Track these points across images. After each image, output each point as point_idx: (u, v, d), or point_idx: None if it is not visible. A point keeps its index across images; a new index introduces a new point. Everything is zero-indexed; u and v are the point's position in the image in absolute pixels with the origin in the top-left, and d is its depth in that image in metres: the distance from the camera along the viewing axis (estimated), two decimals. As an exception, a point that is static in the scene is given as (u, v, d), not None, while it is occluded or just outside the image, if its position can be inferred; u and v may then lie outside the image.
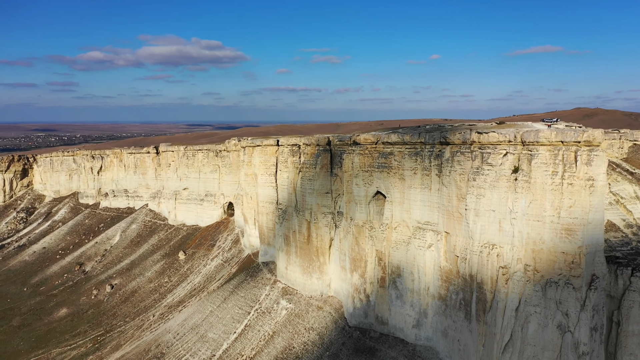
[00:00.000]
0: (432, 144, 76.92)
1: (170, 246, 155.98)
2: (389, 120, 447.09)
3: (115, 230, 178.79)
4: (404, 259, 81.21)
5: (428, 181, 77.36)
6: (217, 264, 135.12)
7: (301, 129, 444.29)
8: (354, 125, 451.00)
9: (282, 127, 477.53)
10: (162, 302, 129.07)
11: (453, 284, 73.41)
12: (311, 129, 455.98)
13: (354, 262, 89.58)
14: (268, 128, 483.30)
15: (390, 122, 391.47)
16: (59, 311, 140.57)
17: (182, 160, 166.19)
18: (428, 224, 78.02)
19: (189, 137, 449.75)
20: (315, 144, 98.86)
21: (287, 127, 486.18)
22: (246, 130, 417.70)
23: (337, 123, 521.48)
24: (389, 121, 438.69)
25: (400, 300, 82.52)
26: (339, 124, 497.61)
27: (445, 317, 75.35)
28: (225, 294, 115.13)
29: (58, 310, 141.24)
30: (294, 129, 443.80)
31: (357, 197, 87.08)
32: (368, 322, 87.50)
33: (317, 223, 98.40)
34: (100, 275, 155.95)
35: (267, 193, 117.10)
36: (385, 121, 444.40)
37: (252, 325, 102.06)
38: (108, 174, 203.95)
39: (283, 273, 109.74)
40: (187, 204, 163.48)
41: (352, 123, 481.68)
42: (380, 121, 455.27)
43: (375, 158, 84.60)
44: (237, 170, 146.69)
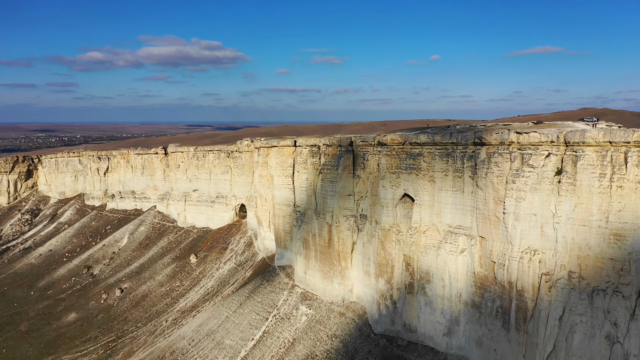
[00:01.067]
0: (464, 145, 73.76)
1: (181, 249, 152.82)
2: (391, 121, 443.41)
3: (123, 233, 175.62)
4: (434, 264, 78.05)
5: (460, 183, 74.21)
6: (231, 267, 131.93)
7: (303, 130, 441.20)
8: (356, 125, 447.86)
9: (285, 128, 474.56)
10: (174, 306, 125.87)
11: (489, 291, 70.24)
12: (314, 129, 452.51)
13: (379, 267, 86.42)
14: (270, 128, 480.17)
15: (393, 123, 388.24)
16: (67, 316, 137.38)
17: (191, 161, 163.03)
18: (460, 228, 74.88)
19: (191, 137, 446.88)
20: (337, 144, 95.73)
21: (290, 127, 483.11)
22: (249, 131, 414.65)
23: (340, 123, 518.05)
24: (392, 122, 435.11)
25: (429, 307, 79.35)
26: (342, 124, 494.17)
27: (479, 326, 72.16)
28: (241, 298, 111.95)
29: (67, 314, 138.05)
30: (297, 129, 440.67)
31: (383, 199, 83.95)
32: (395, 330, 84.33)
33: (339, 226, 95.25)
34: (109, 279, 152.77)
35: (283, 195, 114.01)
36: (388, 121, 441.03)
37: (271, 331, 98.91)
38: (115, 175, 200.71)
39: (301, 277, 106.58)
40: (197, 205, 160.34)
41: (354, 123, 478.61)
42: (382, 122, 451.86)
43: (403, 159, 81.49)
44: (249, 171, 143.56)
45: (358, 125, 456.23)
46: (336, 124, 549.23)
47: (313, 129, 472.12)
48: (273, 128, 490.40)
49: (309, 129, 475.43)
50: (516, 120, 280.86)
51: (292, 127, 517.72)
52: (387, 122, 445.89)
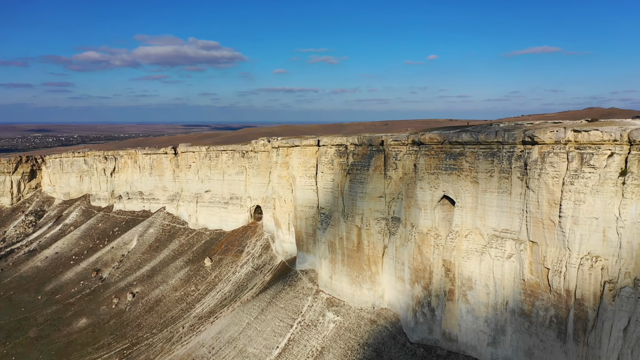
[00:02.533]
0: (512, 144, 69.65)
1: (194, 252, 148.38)
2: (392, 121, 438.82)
3: (132, 235, 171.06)
4: (477, 270, 73.92)
5: (507, 185, 70.08)
6: (248, 271, 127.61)
7: (305, 129, 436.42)
8: (357, 125, 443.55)
9: (286, 127, 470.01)
10: (190, 312, 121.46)
11: (541, 299, 66.15)
12: (315, 129, 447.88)
13: (415, 272, 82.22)
14: (272, 128, 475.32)
15: (395, 123, 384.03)
16: (78, 321, 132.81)
17: (203, 161, 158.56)
18: (507, 232, 70.76)
19: (191, 137, 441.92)
20: (368, 143, 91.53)
21: (291, 127, 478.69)
22: (250, 131, 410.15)
23: (341, 123, 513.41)
24: (393, 121, 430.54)
25: (472, 315, 75.21)
26: (343, 124, 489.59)
27: (529, 336, 68.05)
28: (262, 304, 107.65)
29: (77, 320, 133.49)
30: (298, 129, 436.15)
31: (421, 201, 79.72)
32: (433, 339, 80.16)
33: (369, 229, 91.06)
34: (119, 283, 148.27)
35: (306, 197, 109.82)
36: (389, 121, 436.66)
37: (297, 339, 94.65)
38: (122, 176, 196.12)
39: (326, 282, 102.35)
40: (210, 207, 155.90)
41: (355, 123, 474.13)
42: (384, 122, 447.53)
43: (442, 159, 77.31)
44: (265, 171, 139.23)
45: (359, 125, 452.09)
46: (337, 123, 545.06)
47: (314, 128, 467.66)
48: (274, 128, 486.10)
49: (310, 128, 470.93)
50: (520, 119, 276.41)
51: (293, 127, 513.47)
52: (389, 122, 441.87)
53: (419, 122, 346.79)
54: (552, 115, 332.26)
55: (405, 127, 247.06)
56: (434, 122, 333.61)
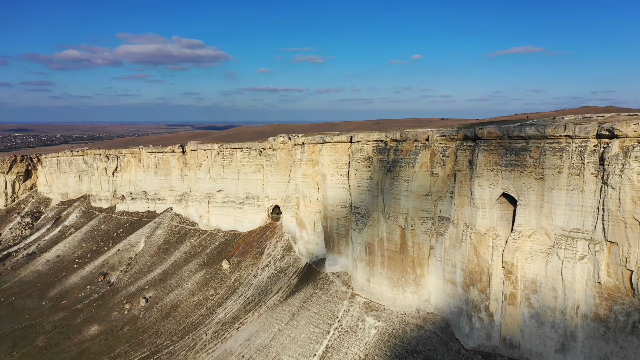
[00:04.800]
0: (583, 138, 65.51)
1: (208, 254, 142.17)
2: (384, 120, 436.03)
3: (139, 237, 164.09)
4: (542, 273, 69.60)
5: (578, 181, 65.87)
6: (270, 274, 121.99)
7: (296, 128, 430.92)
8: (348, 124, 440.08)
9: (278, 127, 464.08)
10: (212, 318, 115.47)
11: (620, 303, 62.04)
12: (306, 128, 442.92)
13: (470, 275, 77.64)
14: (264, 127, 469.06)
15: (386, 122, 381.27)
16: (89, 328, 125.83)
17: (216, 160, 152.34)
18: (578, 232, 66.54)
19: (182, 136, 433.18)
20: (413, 139, 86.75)
21: (282, 126, 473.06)
22: (240, 130, 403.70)
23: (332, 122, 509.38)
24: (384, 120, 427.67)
25: (536, 320, 70.88)
26: (334, 123, 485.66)
27: (605, 342, 63.90)
28: (292, 309, 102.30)
29: (88, 327, 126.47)
30: (289, 127, 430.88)
31: (478, 200, 75.15)
32: (491, 345, 75.65)
33: (414, 230, 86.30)
34: (130, 287, 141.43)
35: (338, 195, 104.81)
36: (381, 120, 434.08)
37: (335, 346, 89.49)
38: (125, 175, 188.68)
39: (363, 286, 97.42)
40: (223, 207, 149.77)
41: (346, 122, 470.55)
42: (376, 120, 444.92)
43: (502, 155, 72.88)
44: (285, 170, 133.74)
45: (350, 124, 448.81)
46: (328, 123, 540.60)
47: (305, 127, 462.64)
48: (266, 127, 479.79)
49: (301, 127, 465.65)
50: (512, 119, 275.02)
51: (284, 125, 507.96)
52: (380, 121, 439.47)
53: (411, 121, 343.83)
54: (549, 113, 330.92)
55: (397, 125, 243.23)
56: (425, 121, 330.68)
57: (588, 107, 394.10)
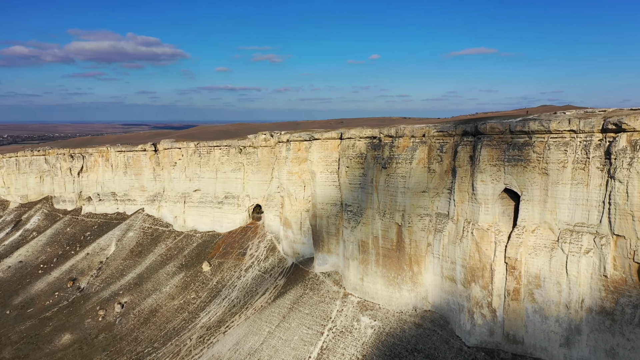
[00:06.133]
0: (588, 132, 65.78)
1: (185, 256, 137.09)
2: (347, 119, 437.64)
3: (109, 239, 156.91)
4: (546, 267, 69.56)
5: (583, 176, 66.08)
6: (255, 275, 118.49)
7: (259, 127, 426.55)
8: (312, 123, 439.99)
9: (241, 126, 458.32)
10: (195, 322, 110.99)
11: (627, 296, 62.51)
12: (270, 127, 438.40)
13: (471, 271, 76.96)
14: (226, 126, 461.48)
15: (350, 121, 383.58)
16: (60, 338, 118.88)
17: (192, 158, 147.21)
18: (583, 226, 66.75)
19: (141, 135, 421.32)
20: (410, 135, 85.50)
21: (246, 125, 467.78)
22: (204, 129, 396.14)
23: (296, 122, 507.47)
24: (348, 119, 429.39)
25: (540, 315, 70.81)
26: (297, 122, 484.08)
27: (611, 335, 64.33)
28: (282, 311, 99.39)
29: (59, 336, 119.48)
30: (252, 127, 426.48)
31: (481, 196, 74.51)
32: (494, 342, 75.21)
33: (412, 227, 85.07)
34: (102, 293, 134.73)
35: (328, 193, 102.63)
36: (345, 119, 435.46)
37: (331, 347, 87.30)
38: (91, 176, 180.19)
39: (356, 285, 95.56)
40: (200, 207, 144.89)
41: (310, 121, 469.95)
42: (340, 119, 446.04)
43: (504, 150, 72.51)
44: (267, 168, 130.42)
45: (314, 123, 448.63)
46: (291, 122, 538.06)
47: (269, 126, 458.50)
48: (229, 126, 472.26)
49: (265, 126, 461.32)
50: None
51: (247, 125, 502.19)
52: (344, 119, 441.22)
53: (374, 120, 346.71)
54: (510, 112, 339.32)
55: (361, 124, 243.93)
56: (388, 120, 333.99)
57: (547, 105, 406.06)
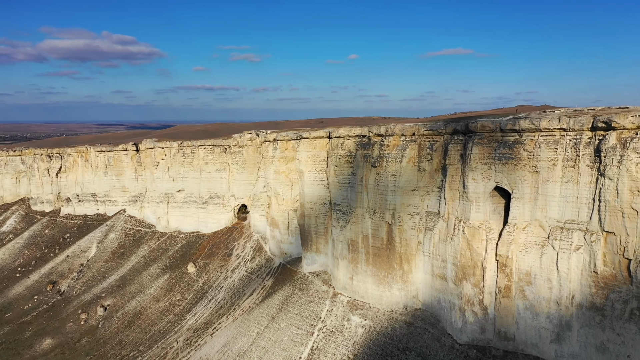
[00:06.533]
0: (578, 130, 66.64)
1: (170, 257, 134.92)
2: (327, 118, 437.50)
3: (90, 241, 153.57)
4: (537, 264, 70.25)
5: (573, 173, 66.92)
6: (241, 276, 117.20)
7: (240, 127, 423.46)
8: (292, 123, 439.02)
9: (221, 125, 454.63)
10: (181, 324, 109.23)
11: (617, 292, 63.45)
12: (249, 127, 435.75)
13: (462, 269, 77.30)
14: (205, 126, 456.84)
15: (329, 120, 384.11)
16: (41, 342, 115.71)
17: (175, 158, 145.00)
18: (573, 223, 67.56)
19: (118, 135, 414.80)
20: (400, 134, 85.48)
21: (225, 125, 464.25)
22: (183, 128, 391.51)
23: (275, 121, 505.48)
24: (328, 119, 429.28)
25: (530, 312, 71.47)
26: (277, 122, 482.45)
27: (602, 330, 65.22)
28: (271, 311, 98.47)
29: (40, 341, 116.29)
30: (232, 127, 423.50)
31: (472, 194, 74.84)
32: (486, 339, 75.64)
33: (402, 226, 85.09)
34: (84, 296, 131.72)
35: (316, 193, 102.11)
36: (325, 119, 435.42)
37: (322, 347, 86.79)
38: (70, 176, 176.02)
39: (346, 284, 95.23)
40: (184, 208, 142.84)
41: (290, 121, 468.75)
42: (320, 119, 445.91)
43: (495, 148, 72.99)
44: (253, 167, 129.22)
45: (294, 122, 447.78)
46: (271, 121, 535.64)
47: (249, 126, 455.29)
48: (208, 126, 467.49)
49: (244, 126, 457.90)
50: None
51: (227, 124, 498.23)
52: (324, 119, 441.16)
53: (353, 119, 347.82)
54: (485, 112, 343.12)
55: (342, 124, 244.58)
56: (368, 119, 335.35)
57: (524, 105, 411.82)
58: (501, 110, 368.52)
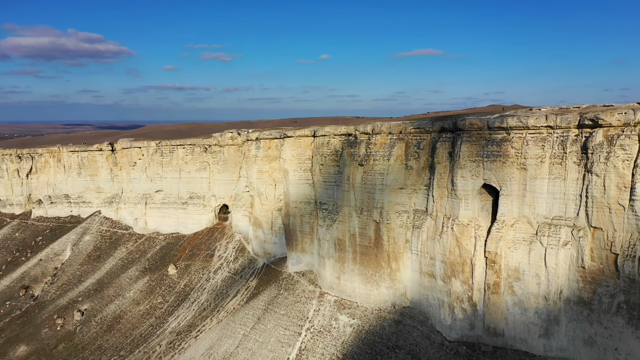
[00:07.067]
0: (565, 128, 67.70)
1: (149, 259, 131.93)
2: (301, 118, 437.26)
3: (64, 244, 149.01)
4: (525, 260, 71.16)
5: (560, 170, 67.99)
6: (224, 277, 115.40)
7: (212, 127, 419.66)
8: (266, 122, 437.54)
9: (194, 125, 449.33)
10: (164, 327, 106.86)
11: (604, 286, 64.70)
12: (222, 127, 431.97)
13: (451, 266, 77.69)
14: (178, 126, 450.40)
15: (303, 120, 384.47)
16: (15, 350, 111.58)
17: (153, 158, 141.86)
18: (560, 219, 68.65)
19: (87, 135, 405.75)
20: (387, 132, 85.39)
21: (198, 125, 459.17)
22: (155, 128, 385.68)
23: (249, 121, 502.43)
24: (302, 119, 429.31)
25: (519, 308, 72.34)
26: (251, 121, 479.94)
27: (589, 324, 66.44)
28: (257, 312, 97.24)
29: (14, 348, 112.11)
30: (205, 127, 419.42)
31: (461, 191, 75.26)
32: (475, 335, 76.20)
33: (390, 224, 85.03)
34: (59, 300, 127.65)
35: (301, 192, 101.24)
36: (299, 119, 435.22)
37: (310, 348, 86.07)
38: (42, 177, 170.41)
39: (332, 284, 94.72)
40: (163, 208, 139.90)
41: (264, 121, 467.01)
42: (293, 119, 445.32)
43: (483, 146, 73.57)
44: (234, 167, 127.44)
45: (268, 122, 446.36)
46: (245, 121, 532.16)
47: (222, 126, 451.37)
48: (180, 125, 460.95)
49: (218, 126, 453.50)
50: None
51: (200, 124, 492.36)
52: (298, 119, 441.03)
53: (327, 119, 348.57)
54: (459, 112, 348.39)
55: (315, 123, 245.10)
56: (341, 119, 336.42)
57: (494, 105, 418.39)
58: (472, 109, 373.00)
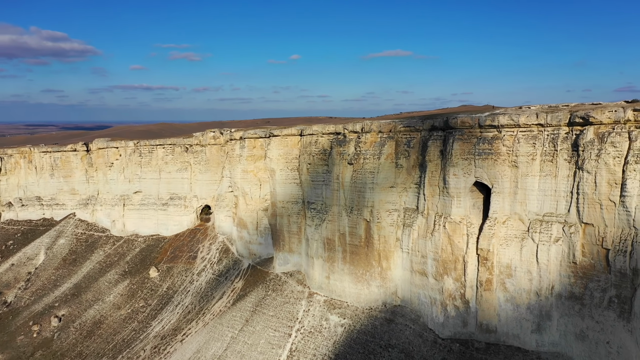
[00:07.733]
0: (555, 126, 68.70)
1: (128, 262, 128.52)
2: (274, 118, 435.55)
3: (37, 248, 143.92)
4: (517, 257, 71.95)
5: (552, 167, 68.95)
6: (208, 279, 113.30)
7: (184, 128, 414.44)
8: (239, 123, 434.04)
9: (164, 125, 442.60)
10: (147, 332, 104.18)
11: (595, 281, 65.89)
12: (194, 127, 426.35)
13: (443, 264, 77.97)
14: (149, 127, 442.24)
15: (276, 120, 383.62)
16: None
17: (131, 158, 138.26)
18: (552, 216, 69.63)
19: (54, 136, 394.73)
20: (377, 130, 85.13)
21: (168, 125, 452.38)
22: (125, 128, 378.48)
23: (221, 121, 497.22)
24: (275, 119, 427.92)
25: (511, 304, 73.11)
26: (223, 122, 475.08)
27: (581, 319, 67.58)
28: (245, 314, 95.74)
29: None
30: (176, 127, 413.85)
31: (453, 189, 75.56)
32: (468, 332, 76.66)
33: (380, 223, 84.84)
34: (34, 306, 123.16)
35: (288, 191, 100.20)
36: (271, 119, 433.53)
37: (302, 349, 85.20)
38: (12, 179, 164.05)
39: (322, 284, 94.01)
40: (142, 210, 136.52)
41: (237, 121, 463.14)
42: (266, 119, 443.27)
43: (474, 144, 74.06)
44: (216, 167, 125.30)
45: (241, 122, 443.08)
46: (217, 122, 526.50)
47: (193, 127, 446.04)
48: (151, 126, 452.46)
49: (189, 127, 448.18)
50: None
51: (170, 124, 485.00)
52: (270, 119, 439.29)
53: (300, 119, 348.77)
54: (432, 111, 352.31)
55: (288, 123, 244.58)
56: (315, 119, 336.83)
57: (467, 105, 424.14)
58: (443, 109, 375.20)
